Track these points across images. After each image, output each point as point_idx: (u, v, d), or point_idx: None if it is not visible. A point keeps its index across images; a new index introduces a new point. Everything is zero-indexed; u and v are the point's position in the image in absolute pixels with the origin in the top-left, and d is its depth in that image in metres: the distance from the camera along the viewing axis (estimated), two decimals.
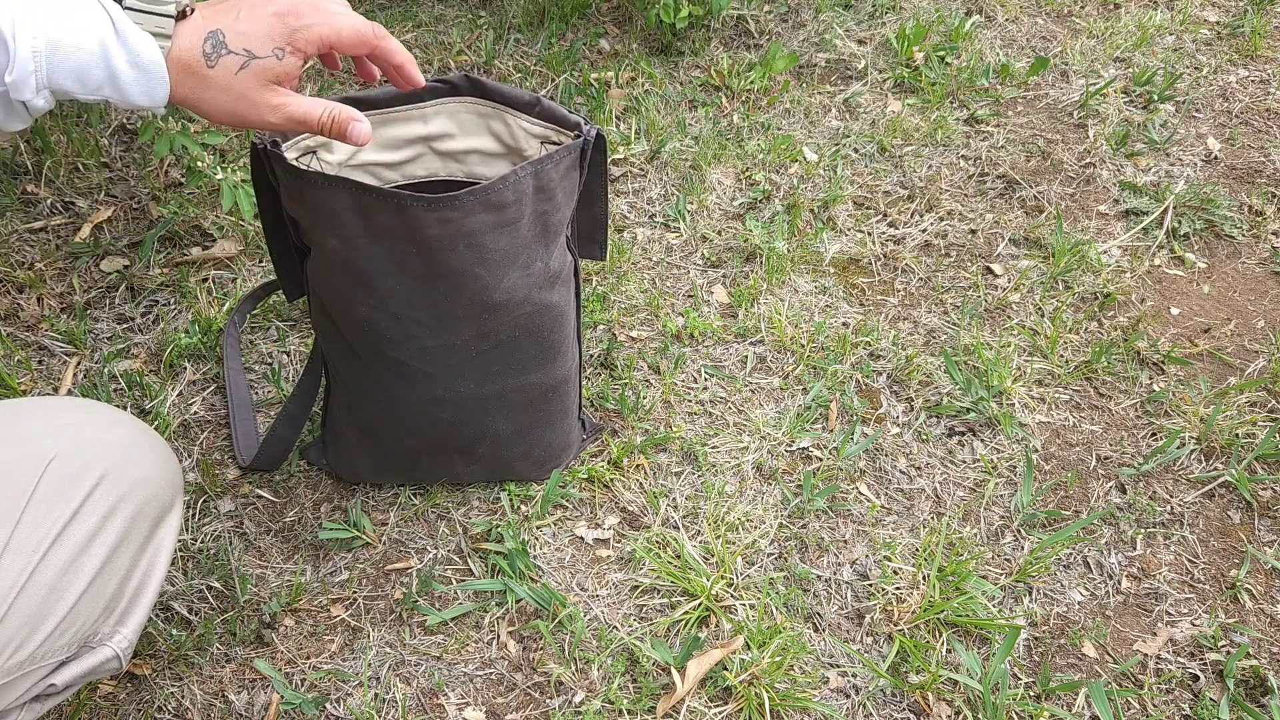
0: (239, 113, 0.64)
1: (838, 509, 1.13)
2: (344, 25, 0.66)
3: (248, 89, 0.63)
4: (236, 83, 0.63)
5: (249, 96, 0.63)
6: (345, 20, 0.67)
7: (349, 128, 0.69)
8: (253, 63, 0.63)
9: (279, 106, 0.65)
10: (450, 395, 0.95)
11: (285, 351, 1.26)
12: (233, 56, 0.62)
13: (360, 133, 0.69)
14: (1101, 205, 1.56)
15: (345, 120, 0.68)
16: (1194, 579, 1.09)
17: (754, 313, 1.35)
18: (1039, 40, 1.90)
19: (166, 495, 0.74)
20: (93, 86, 0.60)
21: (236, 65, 0.63)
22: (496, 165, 0.93)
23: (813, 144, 1.62)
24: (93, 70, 0.59)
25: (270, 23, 0.63)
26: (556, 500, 1.11)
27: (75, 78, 0.59)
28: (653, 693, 0.96)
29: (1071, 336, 1.34)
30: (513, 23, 1.84)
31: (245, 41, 0.63)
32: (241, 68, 0.62)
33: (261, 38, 0.63)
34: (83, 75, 0.59)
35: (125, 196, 1.45)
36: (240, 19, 0.63)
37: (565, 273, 0.94)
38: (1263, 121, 1.73)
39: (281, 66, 0.64)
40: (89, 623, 0.69)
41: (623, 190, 1.53)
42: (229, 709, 0.95)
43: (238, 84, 0.63)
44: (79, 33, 0.59)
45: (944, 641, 1.01)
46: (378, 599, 1.04)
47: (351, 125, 0.69)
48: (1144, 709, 0.98)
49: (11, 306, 1.29)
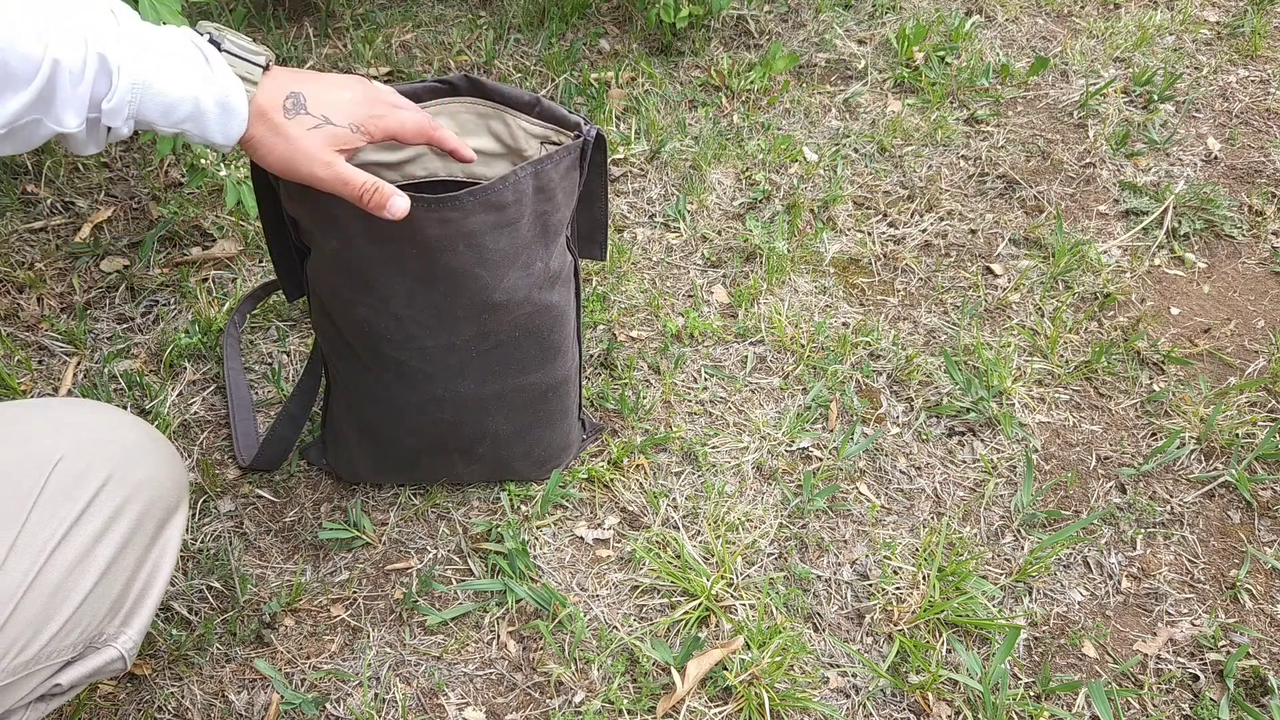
0: (292, 161, 0.71)
1: (838, 509, 1.13)
2: (408, 120, 0.77)
3: (312, 146, 0.71)
4: (304, 138, 0.71)
5: (309, 152, 0.71)
6: (409, 116, 0.77)
7: (389, 201, 0.75)
8: (327, 127, 0.71)
9: (329, 164, 0.72)
10: (450, 395, 0.95)
11: (285, 351, 1.26)
12: (309, 117, 0.71)
13: (400, 208, 0.75)
14: (1101, 205, 1.56)
15: (387, 195, 0.74)
16: (1194, 579, 1.09)
17: (754, 313, 1.35)
18: (1039, 40, 1.90)
19: (172, 496, 0.74)
20: (176, 120, 0.65)
21: (311, 124, 0.71)
22: (496, 165, 0.93)
23: (813, 144, 1.62)
24: (180, 106, 0.65)
25: (350, 105, 0.73)
26: (556, 500, 1.11)
27: (162, 111, 0.64)
28: (653, 693, 0.97)
29: (1071, 336, 1.34)
30: (513, 23, 1.84)
31: (325, 109, 0.72)
32: (315, 127, 0.71)
33: (341, 111, 0.72)
34: (169, 110, 0.64)
35: (125, 196, 1.45)
36: (323, 89, 0.72)
37: (565, 273, 0.94)
38: (1263, 121, 1.73)
39: (351, 138, 0.73)
40: (94, 623, 0.69)
41: (623, 190, 1.53)
42: (229, 709, 0.95)
43: (305, 140, 0.71)
44: (175, 70, 0.64)
45: (944, 641, 1.01)
46: (378, 599, 1.04)
47: (392, 200, 0.75)
48: (1144, 709, 0.98)
49: (11, 306, 1.29)
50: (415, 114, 0.78)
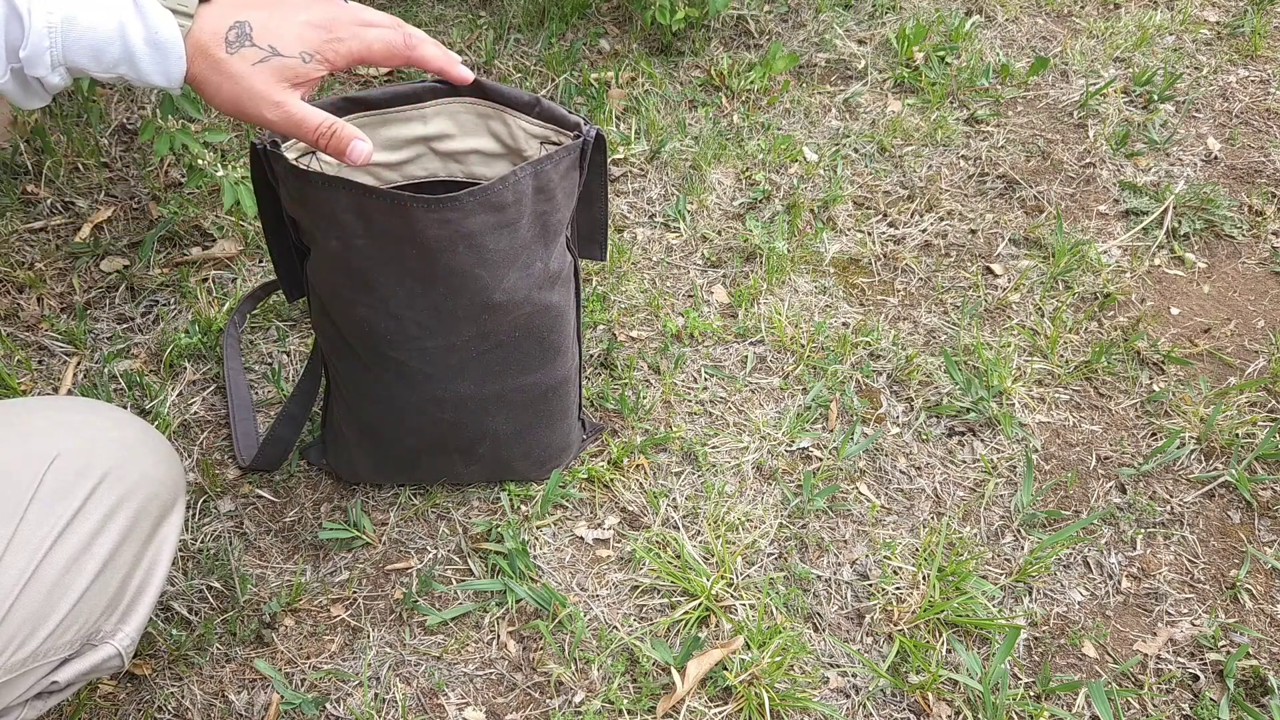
0: (239, 103, 0.64)
1: (838, 509, 1.13)
2: (374, 39, 0.67)
3: (258, 83, 0.63)
4: (250, 74, 0.63)
5: (256, 89, 0.63)
6: (375, 34, 0.67)
7: (350, 145, 0.67)
8: (274, 59, 0.63)
9: (280, 104, 0.64)
10: (450, 395, 0.95)
11: (285, 351, 1.26)
12: (254, 49, 0.62)
13: (361, 152, 0.68)
14: (1101, 205, 1.56)
15: (347, 137, 0.67)
16: (1194, 579, 1.09)
17: (754, 313, 1.35)
18: (1039, 40, 1.90)
19: (168, 494, 0.74)
20: (109, 64, 0.60)
21: (256, 58, 0.62)
22: (496, 166, 0.93)
23: (813, 144, 1.62)
24: (109, 47, 0.59)
25: (303, 29, 0.64)
26: (556, 500, 1.11)
27: (91, 55, 0.59)
28: (653, 693, 0.97)
29: (1071, 336, 1.34)
30: (513, 23, 1.84)
31: (272, 38, 0.63)
32: (260, 60, 0.63)
33: (291, 40, 0.63)
34: (99, 52, 0.59)
35: (125, 196, 1.45)
36: (272, 17, 0.63)
37: (565, 273, 0.94)
38: (1263, 121, 1.73)
39: (305, 70, 0.64)
40: (91, 620, 0.69)
41: (623, 190, 1.53)
42: (229, 709, 0.95)
43: (251, 75, 0.63)
44: (96, 8, 0.58)
45: (944, 641, 1.01)
46: (378, 599, 1.04)
47: (354, 144, 0.68)
48: (1144, 709, 0.98)
49: (11, 306, 1.29)
50: (382, 33, 0.68)
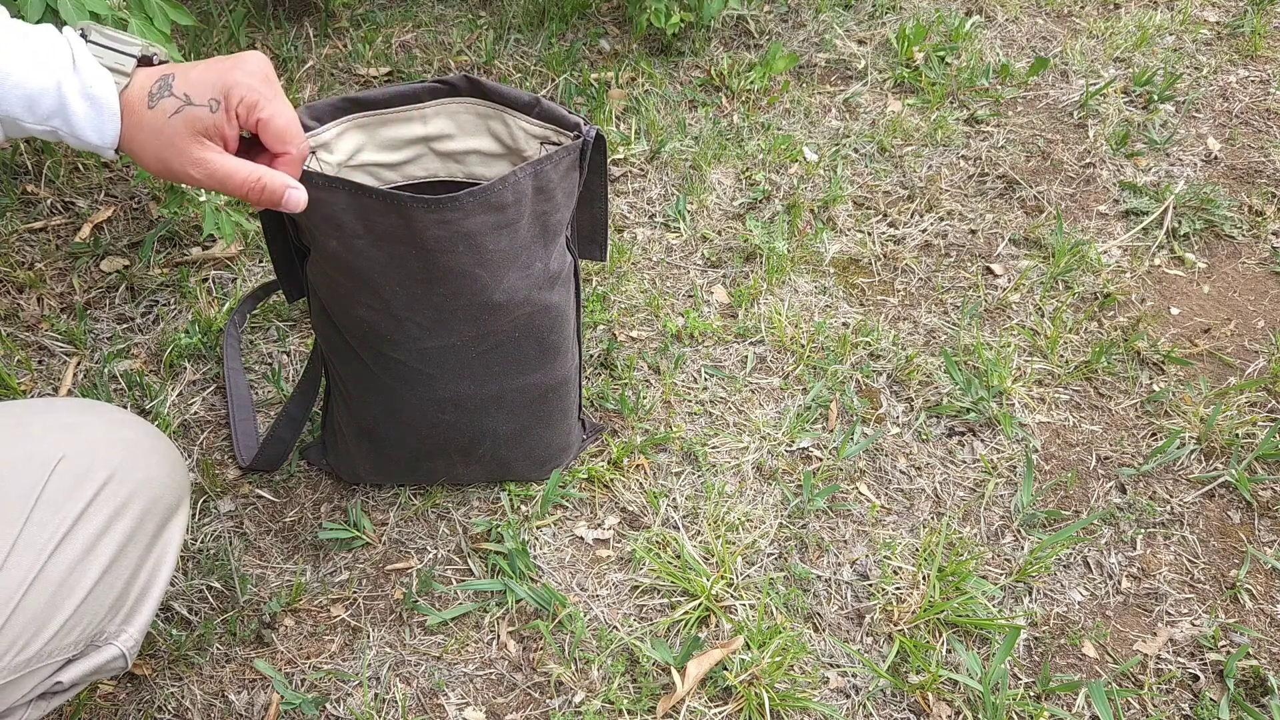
0: (166, 160, 0.61)
1: (838, 509, 1.13)
2: (281, 111, 0.64)
3: (177, 137, 0.60)
4: (168, 127, 0.60)
5: (176, 144, 0.61)
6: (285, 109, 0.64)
7: (284, 195, 0.65)
8: (186, 109, 0.60)
9: (201, 161, 0.62)
10: (450, 396, 0.95)
11: (285, 351, 1.26)
12: (172, 100, 0.60)
13: (296, 200, 0.66)
14: (1101, 205, 1.55)
15: (278, 189, 0.65)
16: (1194, 579, 1.09)
17: (754, 313, 1.35)
18: (1039, 40, 1.90)
19: (173, 496, 0.74)
20: (42, 115, 0.59)
21: (173, 108, 0.60)
22: (496, 166, 0.93)
23: (813, 144, 1.62)
24: (43, 99, 0.58)
25: (218, 76, 0.61)
26: (556, 500, 1.11)
27: (25, 105, 0.58)
28: (653, 693, 0.97)
29: (1071, 336, 1.34)
30: (513, 23, 1.84)
31: (188, 87, 0.61)
32: (175, 112, 0.60)
33: (204, 86, 0.61)
34: (32, 103, 0.58)
35: (125, 196, 1.45)
36: (197, 69, 0.61)
37: (565, 273, 0.94)
38: (1263, 121, 1.73)
39: (212, 119, 0.61)
40: (95, 621, 0.69)
41: (623, 190, 1.53)
42: (229, 709, 0.95)
43: (168, 129, 0.60)
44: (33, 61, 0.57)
45: (944, 641, 1.01)
46: (378, 599, 1.04)
47: (288, 193, 0.65)
48: (1144, 709, 0.98)
49: (11, 306, 1.29)
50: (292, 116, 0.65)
